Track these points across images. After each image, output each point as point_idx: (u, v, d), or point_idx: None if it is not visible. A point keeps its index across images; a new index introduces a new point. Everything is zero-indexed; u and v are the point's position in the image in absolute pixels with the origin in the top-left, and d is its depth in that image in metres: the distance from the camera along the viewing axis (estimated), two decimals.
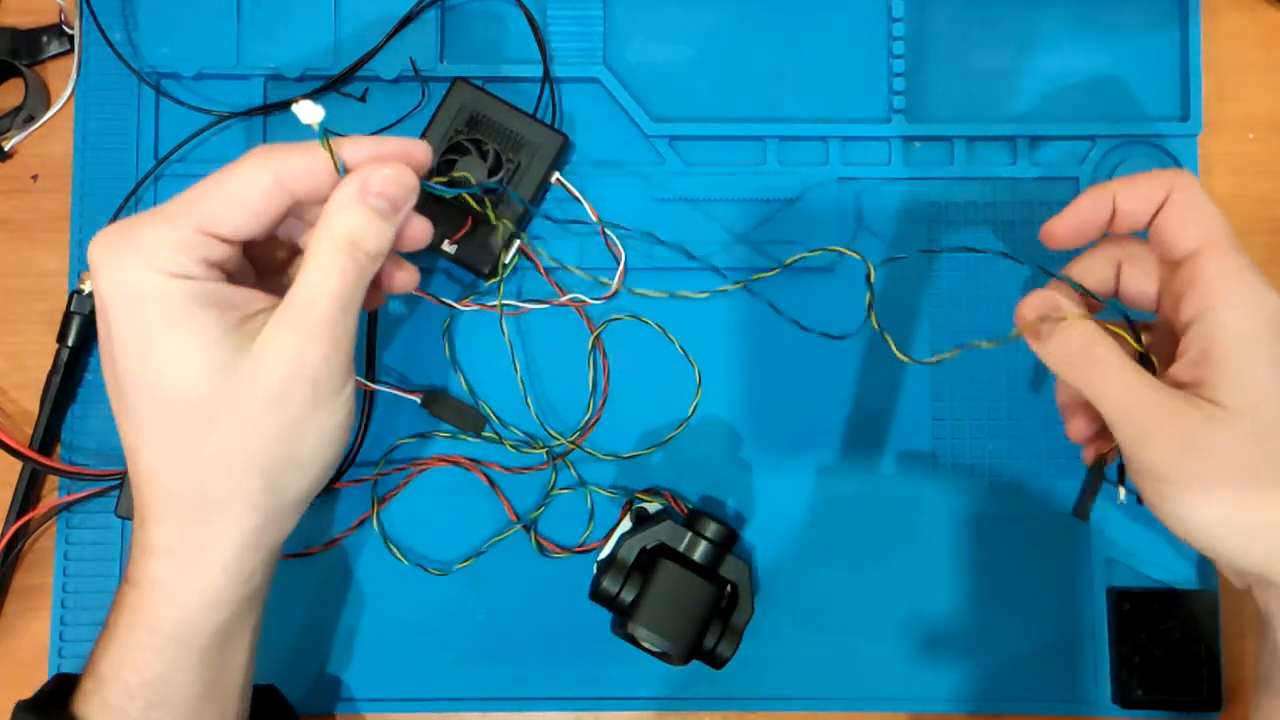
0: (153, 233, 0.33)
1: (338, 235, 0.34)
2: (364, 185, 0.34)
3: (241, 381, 0.33)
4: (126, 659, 0.34)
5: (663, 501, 0.48)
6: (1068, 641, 0.48)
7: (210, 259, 0.34)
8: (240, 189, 0.34)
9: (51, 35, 0.51)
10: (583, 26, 0.50)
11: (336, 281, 0.34)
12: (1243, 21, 0.51)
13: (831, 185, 0.49)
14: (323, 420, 0.34)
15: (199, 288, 0.33)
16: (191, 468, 0.33)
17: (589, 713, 0.48)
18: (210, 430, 0.33)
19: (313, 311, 0.33)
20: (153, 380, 0.33)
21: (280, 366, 0.33)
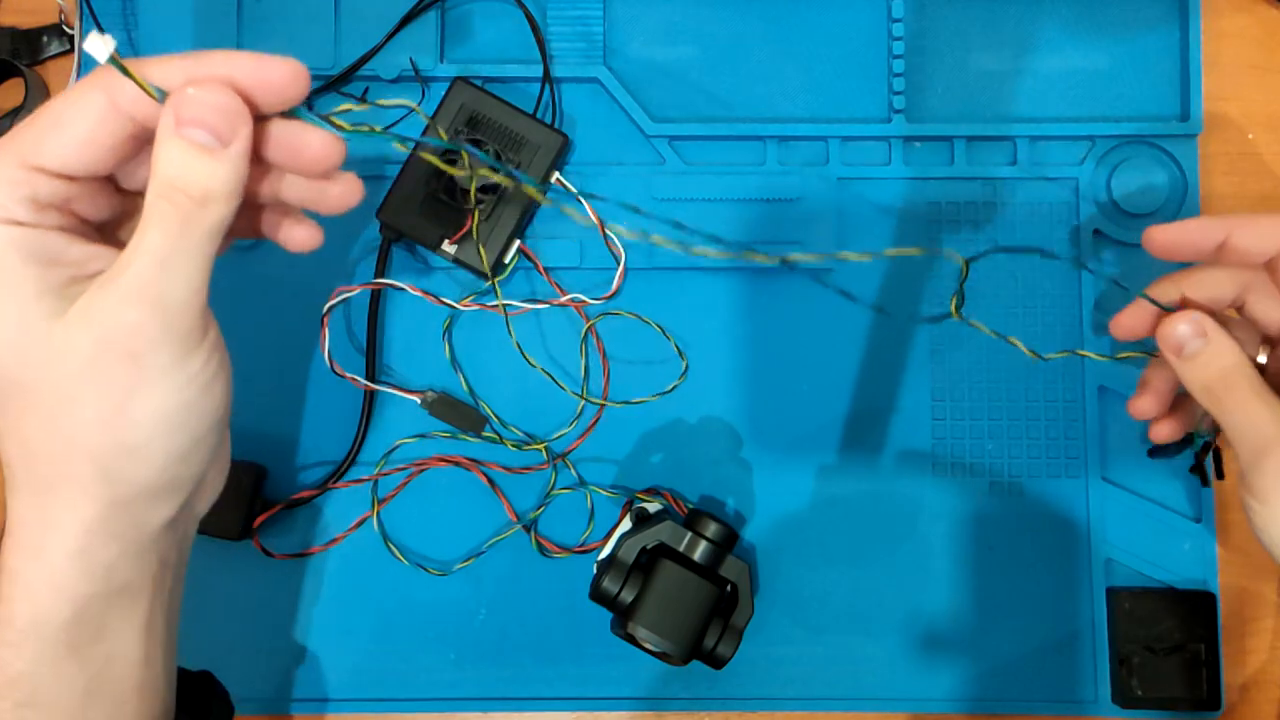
0: None
1: (159, 180, 0.28)
2: (179, 114, 0.28)
3: (54, 352, 0.28)
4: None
5: (663, 501, 0.48)
6: (1067, 641, 0.48)
7: (40, 198, 0.29)
8: (69, 113, 0.28)
9: (51, 35, 0.51)
10: (583, 26, 0.50)
11: (155, 234, 0.28)
12: (1243, 21, 0.51)
13: (831, 185, 0.49)
14: (155, 401, 0.29)
15: (21, 236, 0.28)
16: (21, 443, 0.29)
17: (589, 713, 0.49)
18: (29, 406, 0.29)
19: (126, 271, 0.28)
20: None
21: (88, 336, 0.28)
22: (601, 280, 0.49)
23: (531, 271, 0.49)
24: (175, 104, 0.28)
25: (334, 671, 0.48)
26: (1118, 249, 0.50)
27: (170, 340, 0.28)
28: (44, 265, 0.28)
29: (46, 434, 0.29)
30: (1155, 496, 0.49)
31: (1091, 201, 0.49)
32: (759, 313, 0.49)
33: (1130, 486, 0.49)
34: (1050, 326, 0.49)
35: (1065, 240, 0.49)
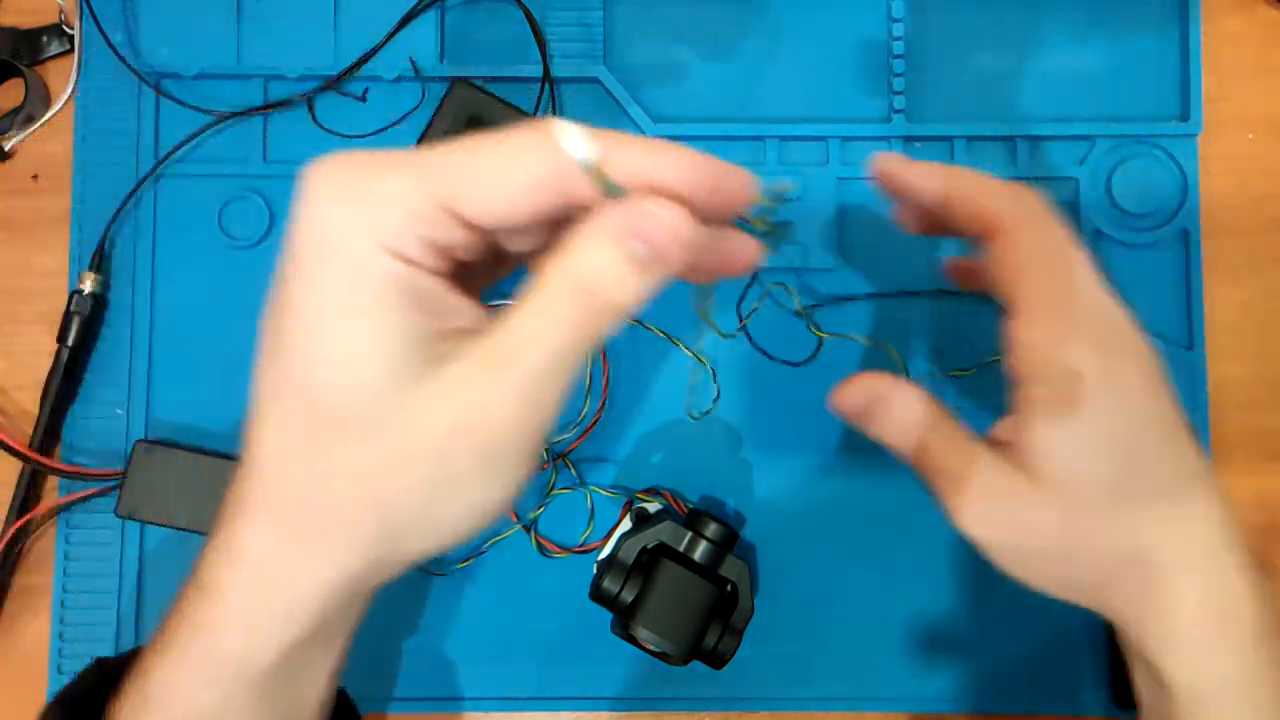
0: (390, 182, 0.26)
1: (575, 275, 0.26)
2: (630, 222, 0.26)
3: (405, 411, 0.26)
4: (176, 683, 0.28)
5: (663, 501, 0.48)
6: (1067, 642, 0.48)
7: (440, 242, 0.26)
8: (508, 169, 0.26)
9: (51, 35, 0.51)
10: (583, 26, 0.50)
11: (556, 334, 0.26)
12: (1243, 21, 0.51)
13: (831, 185, 0.49)
14: (478, 490, 0.27)
15: (409, 277, 0.26)
16: (311, 477, 0.26)
17: (589, 713, 0.49)
18: (349, 446, 0.26)
19: (516, 366, 0.26)
20: (308, 363, 0.26)
21: (451, 414, 0.26)
22: None
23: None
24: (632, 213, 0.26)
25: None
26: (1118, 249, 0.50)
27: (524, 447, 0.27)
28: (419, 312, 0.26)
29: (357, 478, 0.26)
30: None
31: (1091, 201, 0.49)
32: (758, 312, 0.49)
33: None
34: None
35: None
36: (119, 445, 0.48)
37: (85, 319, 0.48)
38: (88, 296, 0.48)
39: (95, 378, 0.49)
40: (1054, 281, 0.32)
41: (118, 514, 0.47)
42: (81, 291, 0.48)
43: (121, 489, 0.47)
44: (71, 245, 0.49)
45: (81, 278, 0.48)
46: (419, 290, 0.26)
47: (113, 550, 0.48)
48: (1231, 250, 0.50)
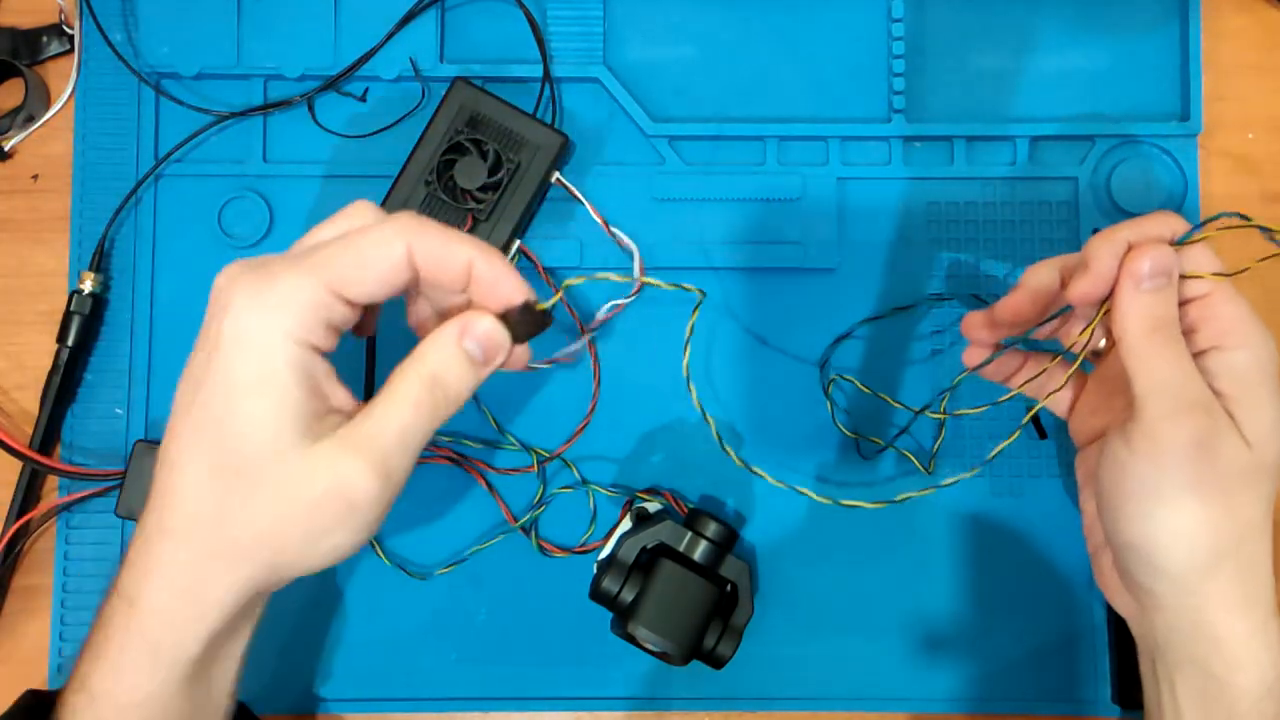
0: (288, 283, 0.33)
1: (424, 370, 0.34)
2: (464, 329, 0.35)
3: (289, 476, 0.33)
4: (120, 677, 0.35)
5: (663, 501, 0.48)
6: (1068, 642, 0.48)
7: (332, 322, 0.34)
8: (376, 254, 0.34)
9: (51, 35, 0.51)
10: (583, 26, 0.50)
11: (410, 415, 0.34)
12: (1243, 21, 0.51)
13: (831, 185, 0.49)
14: (342, 536, 0.34)
15: (304, 360, 0.33)
16: (218, 514, 0.34)
17: (589, 713, 0.49)
18: (250, 497, 0.33)
19: (376, 442, 0.34)
20: (218, 423, 0.33)
21: (324, 482, 0.33)
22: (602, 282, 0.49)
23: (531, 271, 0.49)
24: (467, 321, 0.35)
25: (334, 671, 0.48)
26: None
27: (376, 502, 0.34)
28: (307, 393, 0.33)
29: (250, 522, 0.33)
30: None
31: (1091, 201, 0.49)
32: (759, 313, 0.49)
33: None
34: None
35: (1065, 240, 0.49)
36: (119, 445, 0.48)
37: (85, 319, 0.48)
38: (88, 296, 0.48)
39: (95, 378, 0.49)
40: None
41: (118, 514, 0.47)
42: (81, 291, 0.48)
43: (121, 489, 0.47)
44: (71, 245, 0.49)
45: (81, 278, 0.48)
46: (311, 374, 0.34)
47: (113, 550, 0.48)
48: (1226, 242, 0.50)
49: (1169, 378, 0.36)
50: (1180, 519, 0.35)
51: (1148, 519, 0.36)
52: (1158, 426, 0.35)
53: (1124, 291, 0.36)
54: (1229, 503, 0.35)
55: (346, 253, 0.34)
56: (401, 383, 0.34)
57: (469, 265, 0.35)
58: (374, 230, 0.34)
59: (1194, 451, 0.35)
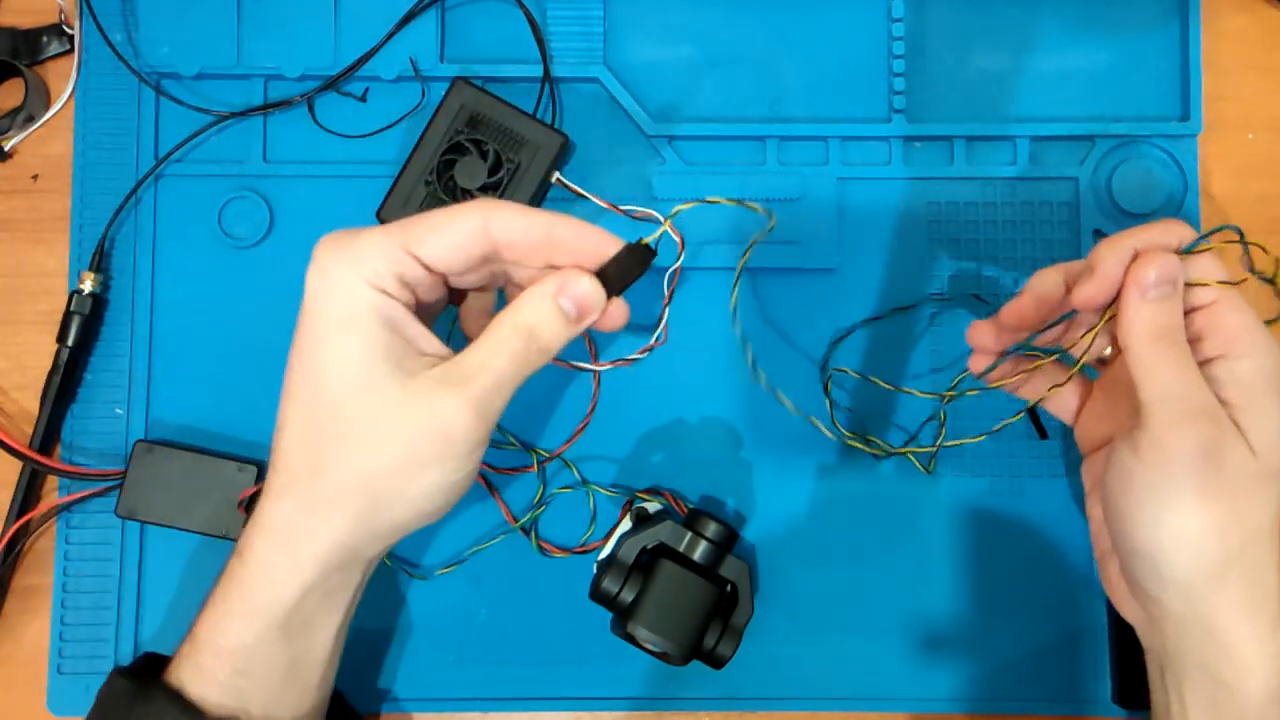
0: (367, 239, 0.36)
1: (520, 320, 0.36)
2: (562, 287, 0.36)
3: (385, 409, 0.35)
4: (220, 624, 0.37)
5: (663, 501, 0.48)
6: (1068, 641, 0.48)
7: (406, 277, 0.36)
8: (450, 222, 0.36)
9: (51, 35, 0.51)
10: (583, 26, 0.50)
11: (504, 361, 0.36)
12: (1243, 21, 0.51)
13: (831, 185, 0.49)
14: (440, 474, 0.36)
15: (384, 304, 0.35)
16: (316, 459, 0.36)
17: (589, 713, 0.49)
18: (344, 437, 0.35)
19: (474, 381, 0.35)
20: (314, 370, 0.35)
21: (424, 414, 0.35)
22: None
23: None
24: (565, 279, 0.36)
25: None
26: None
27: (473, 440, 0.36)
28: (392, 333, 0.35)
29: (347, 466, 0.35)
30: None
31: (1091, 201, 0.49)
32: (759, 313, 0.49)
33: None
34: None
35: (1066, 241, 0.49)
36: (119, 445, 0.48)
37: (85, 319, 0.48)
38: (88, 296, 0.48)
39: (95, 378, 0.49)
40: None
41: (118, 514, 0.47)
42: (81, 291, 0.48)
43: (121, 489, 0.47)
44: (71, 245, 0.49)
45: (81, 278, 0.48)
46: (393, 316, 0.36)
47: (113, 550, 0.48)
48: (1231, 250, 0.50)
49: (1174, 385, 0.36)
50: (1187, 525, 0.36)
51: (1154, 526, 0.36)
52: (1164, 434, 0.36)
53: (1130, 299, 0.36)
54: (1235, 509, 0.36)
55: (424, 219, 0.36)
56: (498, 330, 0.36)
57: (548, 231, 0.36)
58: (457, 205, 0.37)
59: (1200, 459, 0.35)
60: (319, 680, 0.39)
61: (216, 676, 0.37)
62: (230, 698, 0.37)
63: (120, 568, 0.48)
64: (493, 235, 0.36)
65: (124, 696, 0.37)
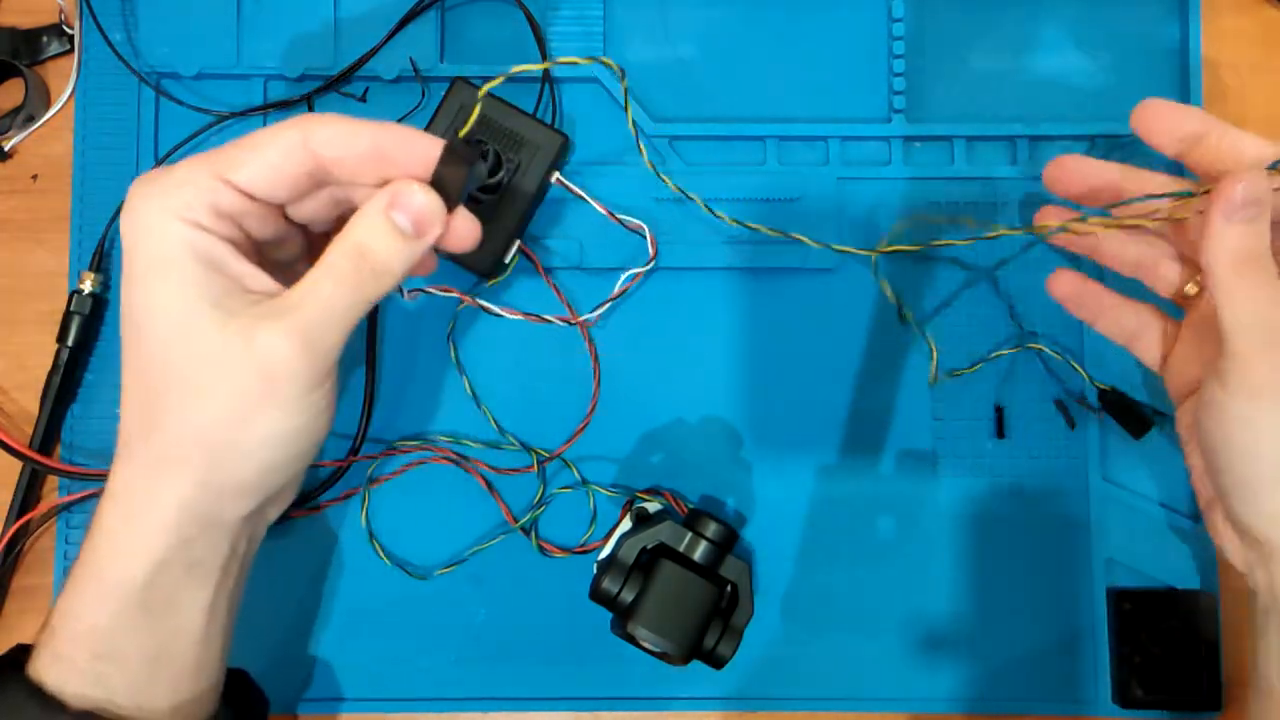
0: (176, 172, 0.33)
1: (349, 241, 0.33)
2: (393, 200, 0.33)
3: (207, 354, 0.32)
4: (73, 607, 0.34)
5: (663, 501, 0.48)
6: (1068, 641, 0.48)
7: (221, 208, 0.33)
8: (264, 141, 0.33)
9: (51, 35, 0.51)
10: (583, 26, 0.50)
11: (331, 286, 0.33)
12: (1243, 21, 0.51)
13: (831, 185, 0.49)
14: (273, 418, 0.33)
15: (199, 239, 0.32)
16: (149, 417, 0.33)
17: (589, 713, 0.49)
18: (170, 389, 0.33)
19: (296, 312, 0.32)
20: (135, 320, 0.33)
21: (244, 352, 0.32)
22: (602, 283, 0.49)
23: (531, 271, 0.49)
24: (395, 190, 0.33)
25: (333, 671, 0.48)
26: None
27: (305, 376, 0.33)
28: (211, 270, 0.32)
29: (177, 419, 0.33)
30: (1155, 496, 0.49)
31: None
32: (759, 313, 0.49)
33: (1130, 486, 0.49)
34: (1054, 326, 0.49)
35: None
36: None
37: (85, 319, 0.48)
38: (87, 296, 0.48)
39: (95, 378, 0.49)
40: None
41: None
42: (81, 291, 0.48)
43: None
44: (71, 245, 0.49)
45: (81, 278, 0.48)
46: (210, 253, 0.32)
47: None
48: None
49: (1261, 312, 0.34)
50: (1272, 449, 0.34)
51: (1252, 460, 0.35)
52: (1251, 363, 0.34)
53: (1214, 223, 0.34)
54: None
55: (238, 142, 0.33)
56: (326, 256, 0.33)
57: (374, 140, 0.33)
58: (275, 125, 0.33)
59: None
60: (194, 663, 0.36)
61: (75, 663, 0.34)
62: (92, 686, 0.34)
63: None
64: (314, 149, 0.33)
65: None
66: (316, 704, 0.48)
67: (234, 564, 0.36)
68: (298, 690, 0.48)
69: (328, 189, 0.35)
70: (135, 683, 0.34)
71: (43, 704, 0.34)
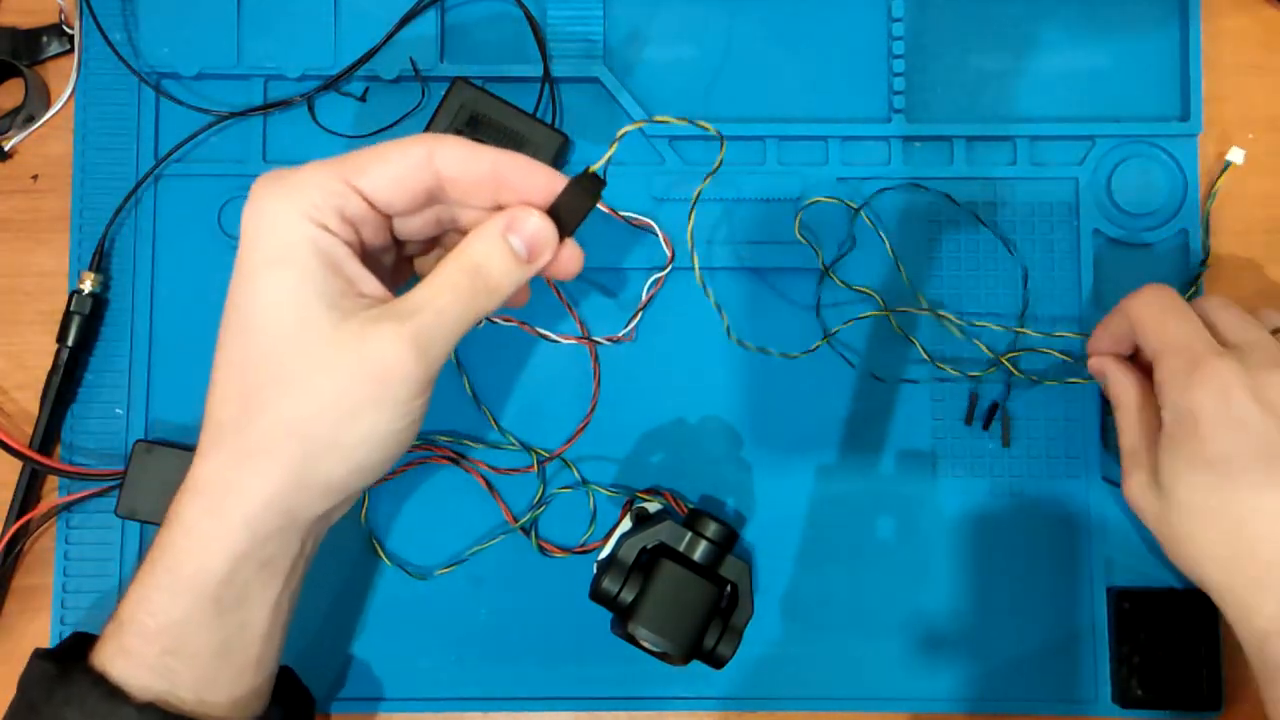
0: (305, 173, 0.34)
1: (466, 258, 0.34)
2: (510, 223, 0.35)
3: (318, 349, 0.33)
4: (145, 600, 0.34)
5: (663, 501, 0.48)
6: (1068, 641, 0.48)
7: (347, 212, 0.34)
8: (392, 153, 0.34)
9: (51, 35, 0.51)
10: (583, 26, 0.50)
11: (448, 297, 0.34)
12: (1243, 21, 0.51)
13: (831, 185, 0.49)
14: (377, 419, 0.33)
15: (323, 239, 0.33)
16: (246, 409, 0.33)
17: (589, 713, 0.49)
18: (274, 382, 0.33)
19: (414, 318, 0.33)
20: (245, 312, 0.33)
21: (358, 351, 0.33)
22: (605, 281, 0.49)
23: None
24: (514, 215, 0.35)
25: (334, 671, 0.48)
26: (1118, 249, 0.50)
27: (415, 381, 0.33)
28: (330, 271, 0.33)
29: (279, 408, 0.33)
30: None
31: (1091, 201, 0.49)
32: (759, 313, 0.49)
33: None
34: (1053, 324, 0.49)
35: (1065, 240, 0.49)
36: (119, 445, 0.48)
37: (85, 319, 0.48)
38: (87, 296, 0.48)
39: (95, 378, 0.49)
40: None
41: (118, 514, 0.47)
42: (81, 291, 0.48)
43: (121, 489, 0.47)
44: (71, 245, 0.49)
45: (81, 278, 0.48)
46: (332, 254, 0.33)
47: (113, 550, 0.48)
48: (1232, 250, 0.50)
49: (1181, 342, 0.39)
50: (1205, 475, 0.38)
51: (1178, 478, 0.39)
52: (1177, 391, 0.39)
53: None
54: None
55: (366, 151, 0.34)
56: (442, 267, 0.34)
57: (494, 166, 0.35)
58: (403, 138, 0.35)
59: (1216, 401, 0.37)
60: (256, 659, 0.36)
61: (144, 657, 0.34)
62: (158, 679, 0.34)
63: (120, 568, 0.48)
64: (437, 167, 0.34)
65: (45, 680, 0.35)
66: (316, 704, 0.48)
67: (300, 562, 0.36)
68: None
69: (436, 207, 0.36)
70: (201, 677, 0.35)
71: (108, 695, 0.34)
